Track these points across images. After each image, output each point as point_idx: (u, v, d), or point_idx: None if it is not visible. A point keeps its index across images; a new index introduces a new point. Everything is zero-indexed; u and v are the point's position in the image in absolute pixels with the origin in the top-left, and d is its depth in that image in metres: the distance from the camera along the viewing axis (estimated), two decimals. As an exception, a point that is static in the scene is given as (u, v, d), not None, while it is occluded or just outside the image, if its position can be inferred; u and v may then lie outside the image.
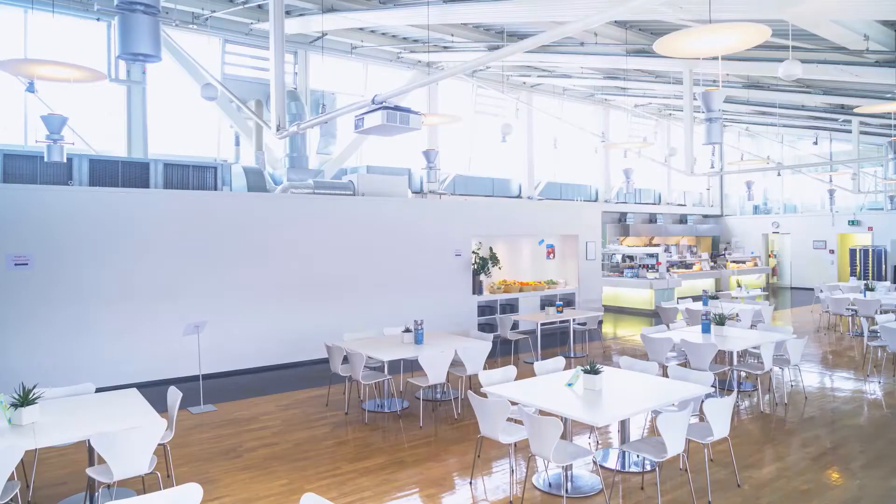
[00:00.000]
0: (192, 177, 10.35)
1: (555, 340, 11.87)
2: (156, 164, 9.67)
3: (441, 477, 5.31)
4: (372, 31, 13.83)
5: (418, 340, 7.29)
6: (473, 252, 12.21)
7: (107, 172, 9.21)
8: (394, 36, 14.05)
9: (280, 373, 9.43)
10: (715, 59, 8.86)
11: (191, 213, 9.05)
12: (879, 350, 9.77)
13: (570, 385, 5.21)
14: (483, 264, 12.13)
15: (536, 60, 13.89)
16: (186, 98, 12.99)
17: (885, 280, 17.04)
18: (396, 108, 4.98)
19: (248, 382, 8.84)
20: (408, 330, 7.49)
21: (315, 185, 11.53)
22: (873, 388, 8.18)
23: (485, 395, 5.06)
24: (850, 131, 15.85)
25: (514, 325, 11.11)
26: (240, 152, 13.76)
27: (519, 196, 17.89)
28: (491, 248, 12.61)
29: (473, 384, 7.03)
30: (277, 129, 7.04)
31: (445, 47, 13.87)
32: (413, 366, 7.92)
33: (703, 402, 4.82)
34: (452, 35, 12.50)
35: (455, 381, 7.79)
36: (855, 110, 7.62)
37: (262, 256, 9.58)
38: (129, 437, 4.11)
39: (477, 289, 12.02)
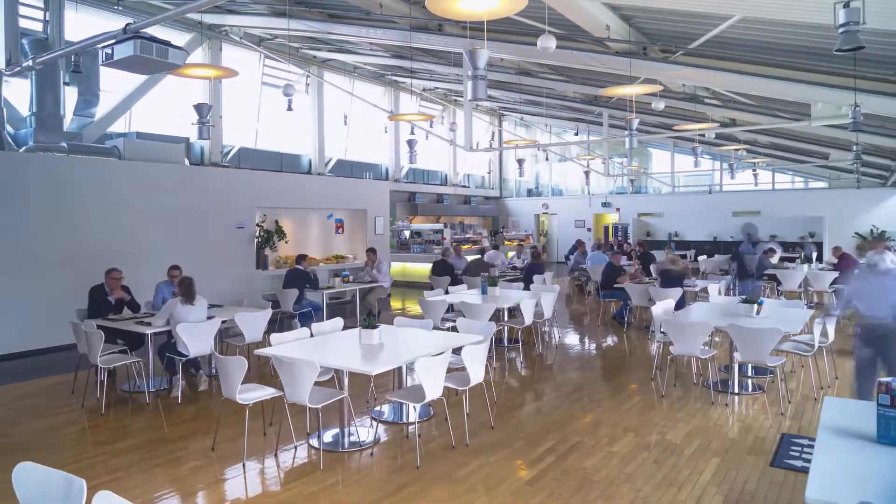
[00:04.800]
0: None
1: (343, 313, 11.79)
2: None
3: (208, 448, 4.93)
4: (141, -16, 12.33)
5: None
6: (258, 225, 11.62)
7: None
8: (169, -8, 12.68)
9: (20, 361, 8.05)
10: (487, 40, 9.46)
11: None
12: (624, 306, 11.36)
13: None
14: (268, 238, 11.62)
15: (324, 31, 13.57)
16: None
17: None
18: (153, 40, 4.42)
19: (-28, 374, 7.39)
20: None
21: (70, 149, 10.01)
22: (618, 337, 9.49)
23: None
24: (602, 123, 18.17)
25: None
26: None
27: (309, 172, 17.46)
28: (277, 222, 12.12)
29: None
30: (8, 65, 5.90)
31: (229, 10, 12.91)
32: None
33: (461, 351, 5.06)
34: (235, -6, 11.67)
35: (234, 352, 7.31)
36: (601, 92, 8.73)
37: (-10, 225, 8.05)
38: None
39: (261, 263, 11.47)
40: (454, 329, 6.72)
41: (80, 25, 12.52)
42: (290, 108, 13.01)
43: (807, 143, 15.70)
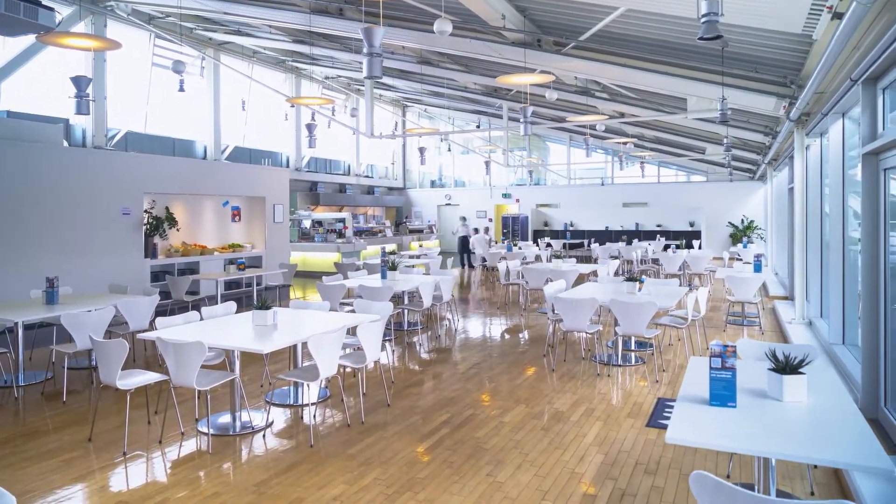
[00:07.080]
0: None
1: (241, 304, 11.42)
2: None
3: (84, 439, 4.64)
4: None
5: (50, 300, 6.25)
6: (146, 212, 10.98)
7: None
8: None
9: None
10: (386, 26, 9.46)
11: None
12: (521, 291, 11.77)
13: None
14: (157, 225, 11.01)
15: (219, 11, 12.99)
16: None
17: (528, 240, 20.75)
18: (21, -1, 4.07)
19: None
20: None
21: (-77, 127, 9.00)
22: (516, 319, 9.82)
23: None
24: (502, 116, 18.65)
25: (195, 291, 10.39)
26: None
27: (204, 159, 16.68)
28: (167, 208, 11.50)
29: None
30: None
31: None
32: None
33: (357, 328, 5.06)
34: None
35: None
36: (496, 80, 8.96)
37: None
38: None
39: (150, 251, 10.86)
40: (353, 312, 6.69)
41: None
42: (181, 89, 12.40)
43: (686, 138, 16.91)
